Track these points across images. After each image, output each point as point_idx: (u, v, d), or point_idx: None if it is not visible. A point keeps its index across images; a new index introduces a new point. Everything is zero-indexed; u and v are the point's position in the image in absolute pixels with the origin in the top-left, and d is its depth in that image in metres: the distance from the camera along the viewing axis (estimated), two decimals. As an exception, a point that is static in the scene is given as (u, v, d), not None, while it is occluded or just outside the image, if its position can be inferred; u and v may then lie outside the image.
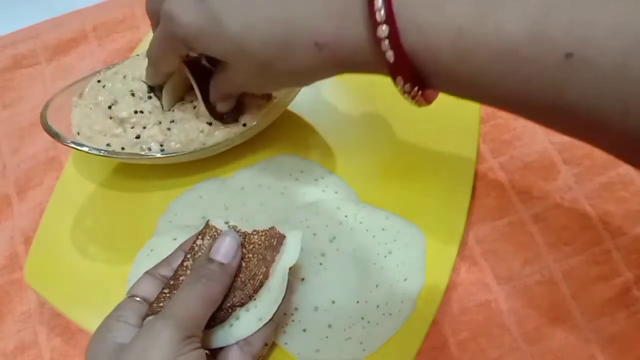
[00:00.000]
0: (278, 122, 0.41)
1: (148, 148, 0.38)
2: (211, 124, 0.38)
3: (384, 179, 0.40)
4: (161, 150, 0.38)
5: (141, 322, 0.29)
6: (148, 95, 0.39)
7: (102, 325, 0.29)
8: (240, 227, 0.33)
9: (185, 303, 0.29)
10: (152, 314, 0.29)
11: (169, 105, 0.38)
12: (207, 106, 0.37)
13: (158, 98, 0.39)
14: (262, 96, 0.39)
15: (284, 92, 0.40)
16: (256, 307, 0.31)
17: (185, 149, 0.38)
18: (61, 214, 0.41)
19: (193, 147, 0.38)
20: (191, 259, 0.32)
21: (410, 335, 0.34)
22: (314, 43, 0.28)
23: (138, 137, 0.38)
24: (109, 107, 0.38)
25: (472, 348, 0.36)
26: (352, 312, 0.35)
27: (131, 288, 0.32)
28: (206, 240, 0.33)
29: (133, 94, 0.39)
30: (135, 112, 0.38)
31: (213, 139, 0.38)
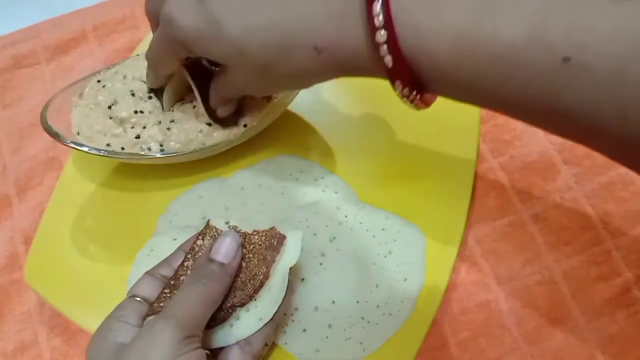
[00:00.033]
0: (278, 122, 0.41)
1: (148, 148, 0.38)
2: (211, 125, 0.38)
3: (384, 179, 0.40)
4: (161, 150, 0.38)
5: (142, 322, 0.29)
6: (148, 95, 0.39)
7: (103, 325, 0.29)
8: (240, 228, 0.33)
9: (185, 303, 0.29)
10: (153, 314, 0.29)
11: (169, 105, 0.38)
12: (207, 110, 0.37)
13: (158, 98, 0.39)
14: (262, 97, 0.39)
15: (284, 93, 0.40)
16: (256, 307, 0.31)
17: (184, 149, 0.38)
18: (61, 214, 0.41)
19: (193, 147, 0.38)
20: (191, 259, 0.32)
21: (410, 335, 0.34)
22: (313, 47, 0.28)
23: (138, 137, 0.38)
24: (109, 107, 0.38)
25: (472, 348, 0.36)
26: (352, 312, 0.35)
27: (132, 288, 0.32)
28: (206, 240, 0.33)
29: (133, 94, 0.39)
30: (135, 112, 0.38)
31: (213, 139, 0.38)
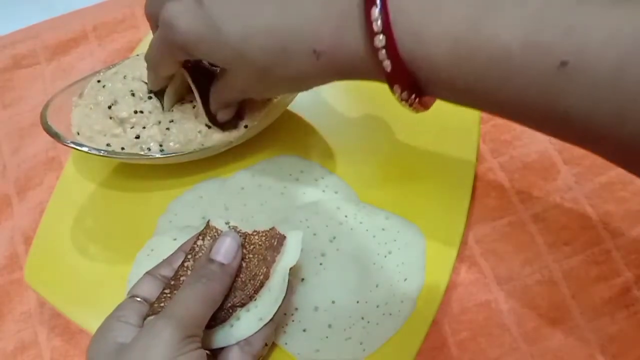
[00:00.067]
0: (278, 123, 0.41)
1: (147, 148, 0.38)
2: (210, 127, 0.38)
3: (384, 179, 0.40)
4: (160, 150, 0.38)
5: (142, 322, 0.29)
6: (148, 95, 0.39)
7: (103, 325, 0.29)
8: (240, 228, 0.33)
9: (185, 303, 0.29)
10: (153, 314, 0.29)
11: (170, 106, 0.38)
12: (208, 114, 0.37)
13: (158, 99, 0.39)
14: (262, 98, 0.39)
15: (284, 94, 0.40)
16: (257, 307, 0.31)
17: (184, 149, 0.38)
18: (61, 214, 0.41)
19: (192, 148, 0.38)
20: (192, 260, 0.32)
21: (410, 335, 0.34)
22: (312, 50, 0.28)
23: (138, 137, 0.38)
24: (109, 107, 0.38)
25: (472, 348, 0.36)
26: (352, 312, 0.35)
27: (132, 288, 0.32)
28: (207, 240, 0.33)
29: (133, 94, 0.39)
30: (135, 112, 0.38)
31: (212, 140, 0.38)
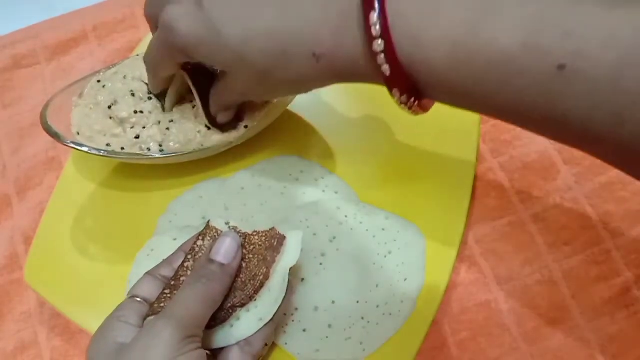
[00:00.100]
0: (278, 123, 0.41)
1: (147, 148, 0.38)
2: (210, 129, 0.38)
3: (384, 179, 0.40)
4: (160, 150, 0.38)
5: (142, 322, 0.30)
6: (148, 95, 0.39)
7: (103, 325, 0.29)
8: (240, 228, 0.33)
9: (185, 303, 0.29)
10: (153, 314, 0.29)
11: (171, 106, 0.38)
12: (208, 117, 0.37)
13: (158, 99, 0.39)
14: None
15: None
16: (257, 308, 0.31)
17: (183, 149, 0.38)
18: (61, 214, 0.41)
19: (192, 148, 0.38)
20: (192, 260, 0.32)
21: (410, 335, 0.34)
22: (312, 54, 0.28)
23: (137, 137, 0.38)
24: (109, 107, 0.38)
25: (472, 348, 0.36)
26: (352, 312, 0.35)
27: (132, 288, 0.32)
28: (207, 241, 0.33)
29: (133, 94, 0.39)
30: (135, 112, 0.38)
31: (212, 140, 0.38)
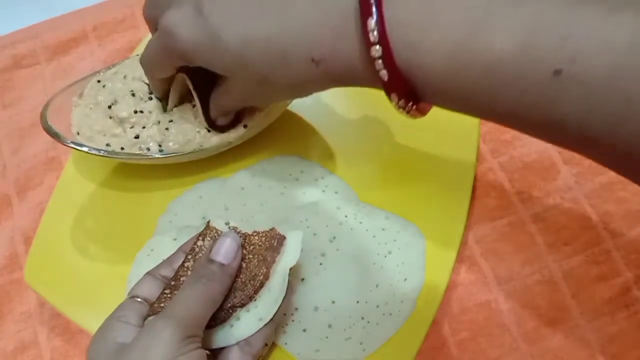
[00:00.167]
0: (278, 123, 0.41)
1: (147, 148, 0.38)
2: (209, 131, 0.38)
3: (384, 179, 0.40)
4: (159, 150, 0.38)
5: (142, 322, 0.30)
6: (149, 95, 0.39)
7: (103, 325, 0.29)
8: (240, 228, 0.33)
9: (186, 303, 0.29)
10: (153, 314, 0.29)
11: (173, 106, 0.38)
12: (207, 120, 0.37)
13: (159, 99, 0.39)
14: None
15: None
16: (257, 308, 0.31)
17: (183, 149, 0.38)
18: (61, 214, 0.41)
19: (191, 148, 0.38)
20: (192, 260, 0.32)
21: (410, 335, 0.34)
22: (311, 59, 0.28)
23: (137, 137, 0.38)
24: (109, 107, 0.38)
25: (472, 348, 0.36)
26: (352, 312, 0.35)
27: (132, 289, 0.32)
28: (207, 241, 0.33)
29: (133, 94, 0.39)
30: (135, 112, 0.38)
31: (211, 141, 0.38)
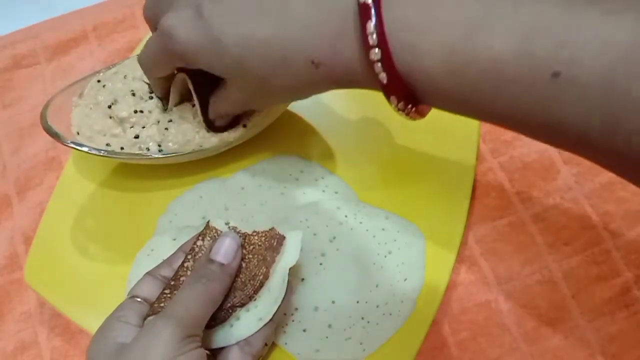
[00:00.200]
0: (278, 123, 0.41)
1: (147, 148, 0.38)
2: (209, 132, 0.38)
3: (384, 179, 0.40)
4: (159, 150, 0.38)
5: (142, 322, 0.30)
6: (149, 95, 0.39)
7: (103, 325, 0.29)
8: (240, 228, 0.33)
9: (185, 303, 0.29)
10: (153, 314, 0.29)
11: (173, 106, 0.38)
12: (206, 122, 0.37)
13: (159, 98, 0.39)
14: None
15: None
16: (256, 308, 0.31)
17: (182, 150, 0.38)
18: (61, 214, 0.41)
19: (191, 148, 0.38)
20: (192, 260, 0.32)
21: (410, 335, 0.34)
22: (311, 61, 0.28)
23: (137, 137, 0.38)
24: (109, 107, 0.38)
25: (472, 348, 0.36)
26: (352, 312, 0.35)
27: (132, 289, 0.32)
28: (206, 241, 0.33)
29: (133, 94, 0.38)
30: (135, 112, 0.38)
31: (211, 141, 0.38)
